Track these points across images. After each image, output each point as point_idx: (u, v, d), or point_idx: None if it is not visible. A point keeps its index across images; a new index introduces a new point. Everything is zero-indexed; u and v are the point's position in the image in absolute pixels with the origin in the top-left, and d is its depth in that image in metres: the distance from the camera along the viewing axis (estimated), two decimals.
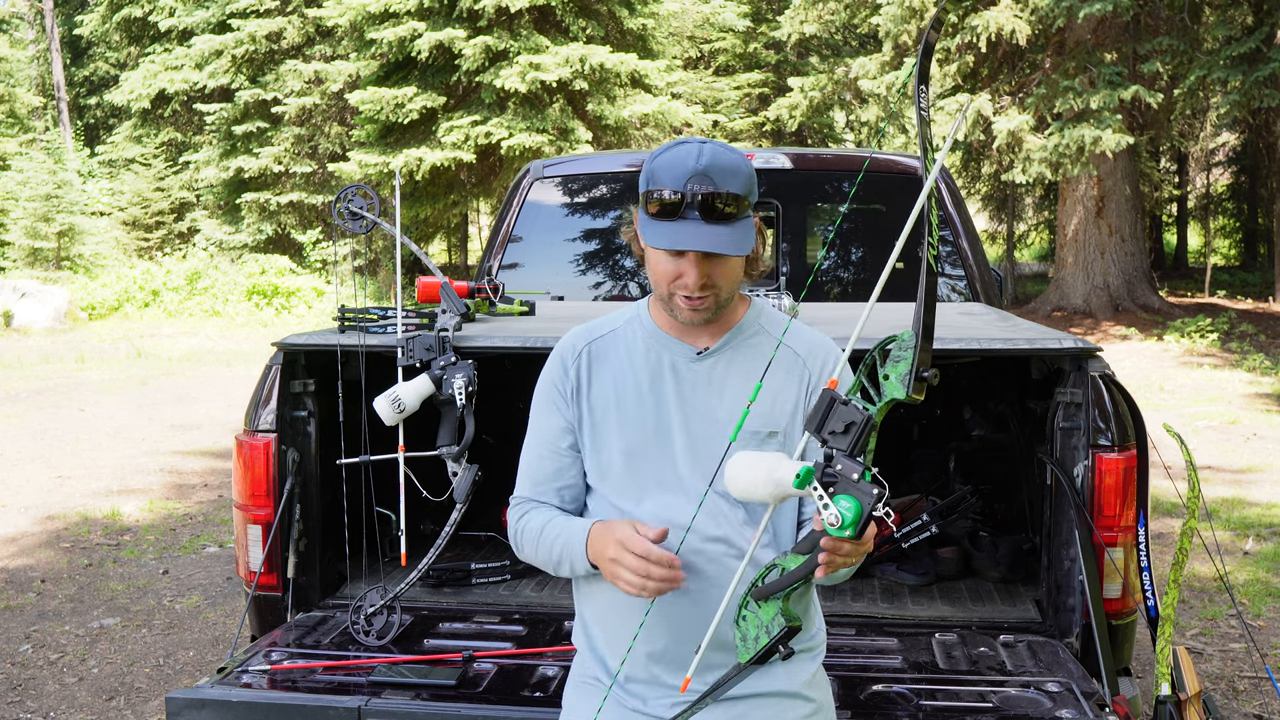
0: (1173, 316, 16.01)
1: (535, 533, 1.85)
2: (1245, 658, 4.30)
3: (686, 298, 1.75)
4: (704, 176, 1.68)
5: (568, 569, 1.81)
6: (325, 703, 2.34)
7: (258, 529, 2.89)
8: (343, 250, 19.33)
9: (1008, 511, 3.72)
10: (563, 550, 1.80)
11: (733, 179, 1.69)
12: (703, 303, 1.75)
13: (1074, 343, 2.69)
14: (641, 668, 1.82)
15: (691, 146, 1.71)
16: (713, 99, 21.27)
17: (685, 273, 1.72)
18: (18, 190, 21.65)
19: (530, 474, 1.92)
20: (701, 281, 1.72)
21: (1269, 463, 7.83)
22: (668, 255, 1.73)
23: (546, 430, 1.89)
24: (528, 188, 4.56)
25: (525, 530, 1.88)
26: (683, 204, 1.68)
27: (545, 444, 1.89)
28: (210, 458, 8.26)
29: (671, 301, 1.78)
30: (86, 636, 4.60)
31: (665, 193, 1.69)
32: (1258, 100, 13.58)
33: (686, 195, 1.68)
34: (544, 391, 1.91)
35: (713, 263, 1.72)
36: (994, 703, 2.37)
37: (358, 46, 19.23)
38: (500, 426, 3.60)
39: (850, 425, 1.48)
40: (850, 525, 1.44)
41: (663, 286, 1.77)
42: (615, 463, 1.82)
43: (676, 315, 1.80)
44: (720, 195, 1.68)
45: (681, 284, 1.74)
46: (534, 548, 1.86)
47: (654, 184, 1.71)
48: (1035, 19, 14.45)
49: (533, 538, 1.85)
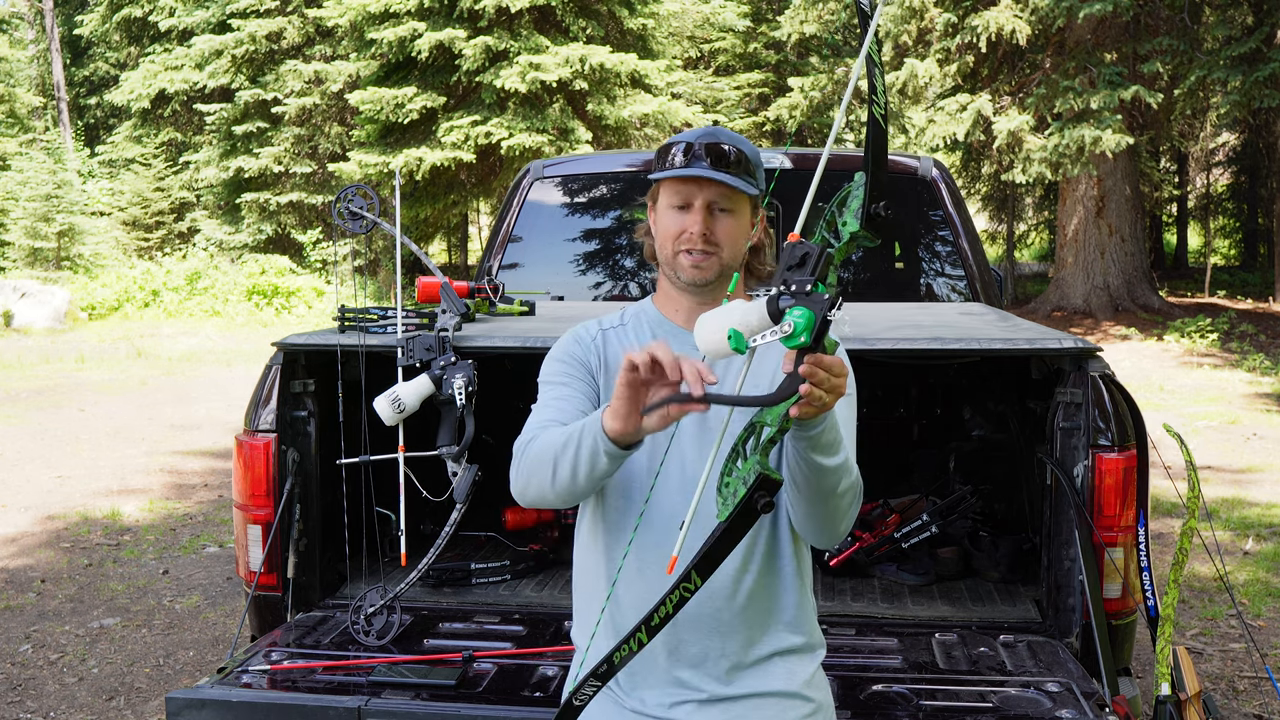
0: (1173, 316, 16.01)
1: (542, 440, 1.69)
2: (1245, 658, 4.30)
3: (689, 252, 1.81)
4: (712, 135, 1.83)
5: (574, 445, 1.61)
6: (325, 703, 2.34)
7: (258, 529, 2.89)
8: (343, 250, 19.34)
9: (1008, 511, 3.72)
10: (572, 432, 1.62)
11: (741, 144, 1.85)
12: (705, 259, 1.81)
13: (1074, 343, 2.69)
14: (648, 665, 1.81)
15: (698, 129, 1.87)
16: (713, 99, 21.26)
17: (690, 226, 1.80)
18: (18, 190, 21.64)
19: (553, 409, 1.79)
20: (704, 231, 1.80)
21: (1269, 463, 7.83)
22: (675, 212, 1.82)
23: (568, 380, 1.83)
24: (528, 188, 4.56)
25: (541, 435, 1.71)
26: (693, 151, 1.81)
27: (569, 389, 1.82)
28: (210, 458, 8.26)
29: (675, 261, 1.83)
30: (86, 636, 4.60)
31: (678, 147, 1.83)
32: (1258, 100, 13.58)
33: (696, 146, 1.81)
34: (560, 364, 1.86)
35: (716, 218, 1.81)
36: (994, 703, 2.37)
37: (358, 46, 19.23)
38: (500, 426, 3.60)
39: (805, 256, 1.44)
40: (804, 331, 1.38)
41: (668, 246, 1.84)
42: None
43: (680, 277, 1.84)
44: (727, 149, 1.81)
45: (686, 237, 1.81)
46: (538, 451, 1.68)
47: (669, 145, 1.85)
48: (1035, 19, 14.45)
49: (539, 444, 1.69)
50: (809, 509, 1.68)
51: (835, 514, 1.67)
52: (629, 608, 1.78)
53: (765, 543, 1.81)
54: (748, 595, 1.79)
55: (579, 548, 1.91)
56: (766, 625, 1.82)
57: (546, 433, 1.71)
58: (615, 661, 1.55)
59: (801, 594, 1.87)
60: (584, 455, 1.60)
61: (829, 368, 1.42)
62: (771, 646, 1.82)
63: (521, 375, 3.02)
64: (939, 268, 4.53)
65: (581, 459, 1.60)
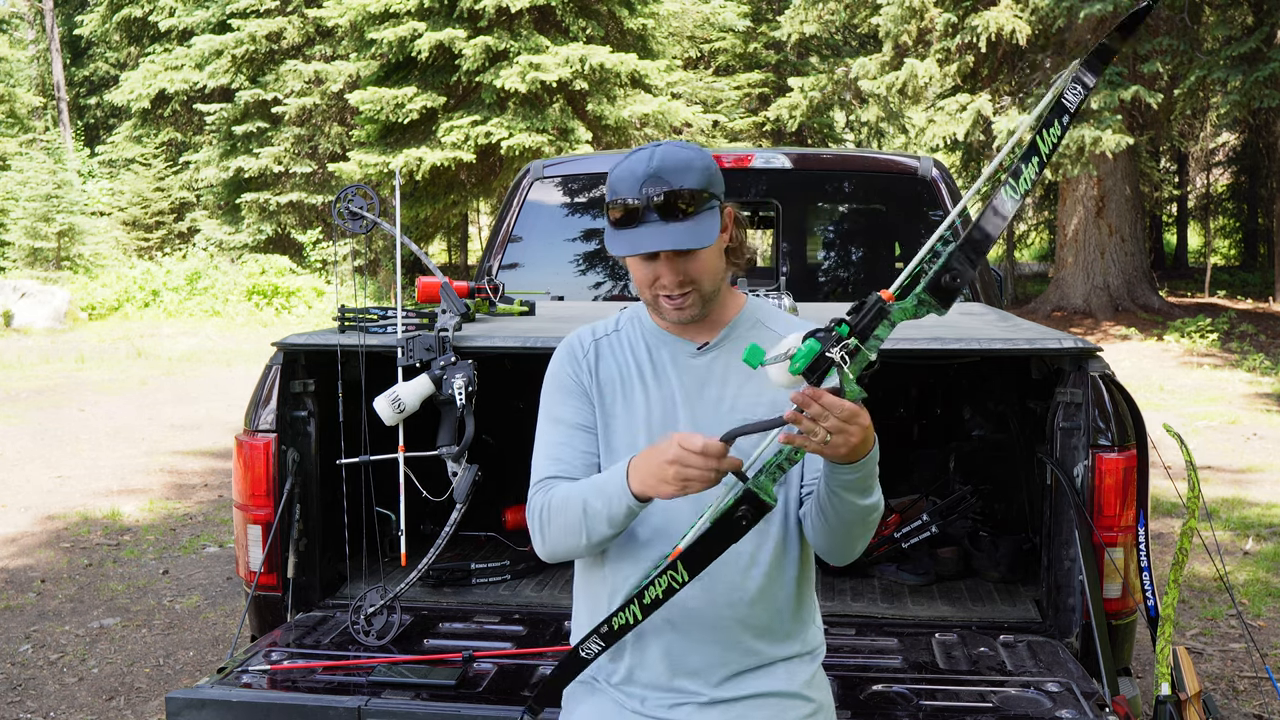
0: (1173, 316, 16.01)
1: (564, 496, 1.77)
2: (1245, 658, 4.30)
3: (668, 298, 1.77)
4: (656, 178, 1.71)
5: (603, 515, 1.71)
6: (325, 703, 2.34)
7: (258, 529, 2.89)
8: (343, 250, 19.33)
9: (1008, 511, 3.72)
10: (598, 492, 1.72)
11: (686, 175, 1.72)
12: (685, 299, 1.78)
13: (1074, 343, 2.69)
14: (648, 669, 1.82)
15: (644, 152, 1.75)
16: (713, 99, 21.27)
17: (661, 274, 1.75)
18: (18, 190, 21.65)
19: (552, 455, 1.85)
20: (678, 279, 1.75)
21: (1269, 463, 7.83)
22: (641, 261, 1.76)
23: (567, 413, 1.87)
24: (528, 188, 4.56)
25: (554, 499, 1.78)
26: (641, 209, 1.71)
27: (568, 426, 1.86)
28: (210, 458, 8.26)
29: (657, 305, 1.81)
30: (86, 636, 4.60)
31: (622, 201, 1.72)
32: (1258, 100, 13.58)
33: (641, 200, 1.70)
34: (557, 381, 1.90)
35: (685, 259, 1.74)
36: (994, 703, 2.37)
37: (358, 46, 19.23)
38: (500, 426, 3.60)
39: (860, 304, 1.45)
40: (801, 359, 1.43)
41: (645, 292, 1.80)
42: (625, 455, 1.82)
43: (666, 318, 1.82)
44: (675, 193, 1.70)
45: (660, 286, 1.77)
46: (563, 512, 1.76)
47: (612, 195, 1.74)
48: (1036, 19, 14.45)
49: (561, 503, 1.77)
50: (831, 535, 1.74)
51: (856, 539, 1.76)
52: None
53: (773, 551, 1.81)
54: (749, 604, 1.79)
55: None
56: (769, 633, 1.82)
57: (564, 499, 1.76)
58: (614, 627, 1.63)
59: (806, 599, 1.88)
60: (615, 517, 1.70)
61: (828, 405, 1.47)
62: (773, 655, 1.83)
63: (521, 375, 3.02)
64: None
65: (613, 520, 1.71)
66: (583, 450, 1.84)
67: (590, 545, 1.76)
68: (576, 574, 1.95)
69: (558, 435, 1.86)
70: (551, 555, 1.82)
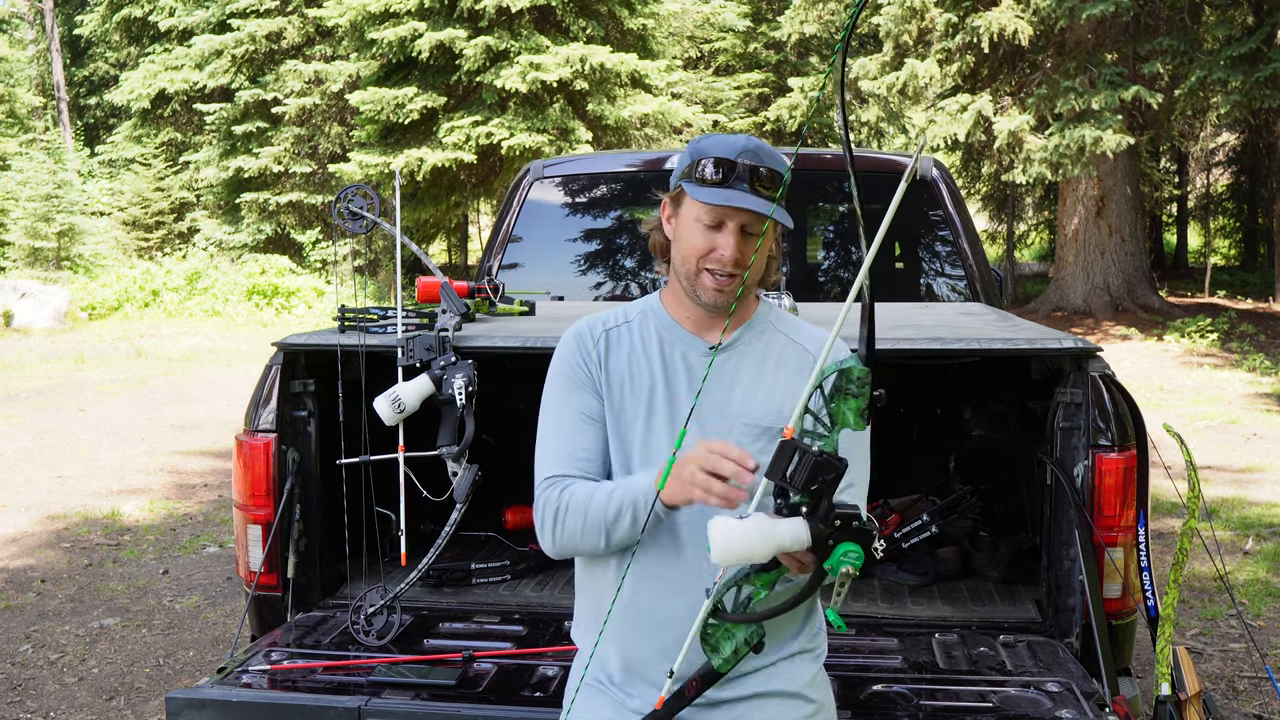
0: (1173, 316, 16.01)
1: (584, 497, 1.75)
2: (1245, 658, 4.30)
3: (716, 275, 1.77)
4: (753, 153, 1.76)
5: (628, 519, 1.71)
6: (325, 703, 2.34)
7: (258, 529, 2.89)
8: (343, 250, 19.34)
9: (1008, 511, 3.72)
10: (623, 497, 1.71)
11: (778, 164, 1.77)
12: (730, 283, 1.78)
13: (1074, 343, 2.68)
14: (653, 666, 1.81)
15: (737, 135, 1.80)
16: (713, 99, 21.26)
17: (721, 246, 1.76)
18: (18, 190, 21.64)
19: (563, 449, 1.82)
20: (736, 256, 1.75)
21: (1269, 463, 7.83)
22: (704, 229, 1.77)
23: (574, 406, 1.84)
24: (528, 188, 4.56)
25: (571, 499, 1.76)
26: (734, 171, 1.74)
27: (575, 418, 1.83)
28: (210, 458, 8.26)
29: (698, 280, 1.79)
30: (86, 636, 4.60)
31: (717, 160, 1.75)
32: (1258, 100, 13.59)
33: (738, 164, 1.74)
34: (565, 371, 1.87)
35: (749, 241, 1.77)
36: (994, 703, 2.37)
37: (358, 46, 19.21)
38: (500, 426, 3.60)
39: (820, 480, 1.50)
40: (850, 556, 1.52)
41: (692, 262, 1.79)
42: (634, 452, 1.82)
43: (699, 296, 1.81)
44: (773, 171, 1.75)
45: (716, 257, 1.77)
46: (582, 513, 1.74)
47: (704, 155, 1.76)
48: (1037, 19, 14.46)
49: (581, 503, 1.75)
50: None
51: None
52: (638, 609, 1.78)
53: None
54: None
55: None
56: (770, 633, 1.81)
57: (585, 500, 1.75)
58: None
59: (808, 605, 1.88)
60: (639, 520, 1.70)
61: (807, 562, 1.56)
62: (774, 655, 1.83)
63: (521, 375, 3.02)
64: (939, 268, 4.53)
65: (637, 523, 1.71)
66: (591, 444, 1.82)
67: (609, 548, 1.76)
68: (578, 569, 1.94)
69: (565, 428, 1.83)
70: (560, 553, 1.82)
